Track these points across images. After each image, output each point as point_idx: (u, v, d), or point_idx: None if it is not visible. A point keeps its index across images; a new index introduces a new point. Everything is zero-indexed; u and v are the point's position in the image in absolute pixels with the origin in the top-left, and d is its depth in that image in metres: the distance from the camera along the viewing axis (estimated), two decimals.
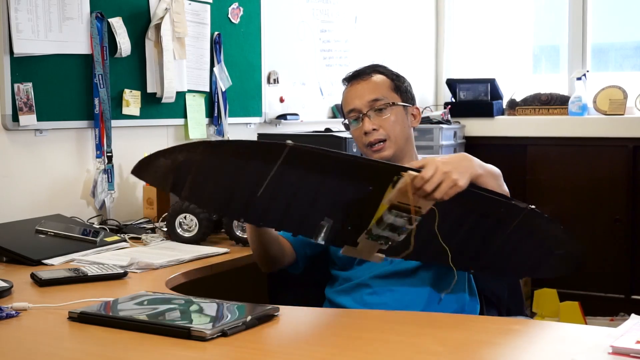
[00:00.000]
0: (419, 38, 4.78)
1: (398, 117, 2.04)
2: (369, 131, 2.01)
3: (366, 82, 2.06)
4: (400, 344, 1.41)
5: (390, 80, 2.08)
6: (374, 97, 2.03)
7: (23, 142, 2.58)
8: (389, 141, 2.02)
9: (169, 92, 3.00)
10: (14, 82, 2.50)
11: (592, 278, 4.32)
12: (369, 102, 2.03)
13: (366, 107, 2.03)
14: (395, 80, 2.08)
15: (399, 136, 2.03)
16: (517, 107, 4.60)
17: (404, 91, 2.08)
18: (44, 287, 1.83)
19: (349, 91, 2.10)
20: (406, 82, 2.11)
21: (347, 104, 2.09)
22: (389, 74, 2.09)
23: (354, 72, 2.12)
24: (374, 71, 2.09)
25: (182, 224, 2.42)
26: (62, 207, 2.64)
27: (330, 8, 4.00)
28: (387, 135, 2.02)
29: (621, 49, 4.65)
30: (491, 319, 1.76)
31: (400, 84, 2.09)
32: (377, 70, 2.09)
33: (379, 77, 2.07)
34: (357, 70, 2.12)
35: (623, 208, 4.21)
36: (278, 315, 1.53)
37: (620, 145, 4.25)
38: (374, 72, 2.09)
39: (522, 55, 4.88)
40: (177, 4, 3.02)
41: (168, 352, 1.34)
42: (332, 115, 4.02)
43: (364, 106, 2.03)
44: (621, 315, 4.10)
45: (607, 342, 1.26)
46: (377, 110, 2.03)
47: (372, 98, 2.03)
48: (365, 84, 2.06)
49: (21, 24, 2.51)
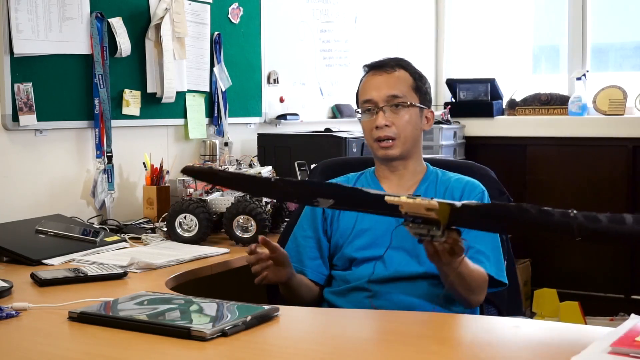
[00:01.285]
0: (419, 38, 4.78)
1: (412, 118, 2.00)
2: (381, 126, 1.98)
3: (388, 75, 2.01)
4: (400, 344, 1.41)
5: (413, 79, 2.03)
6: (393, 93, 1.99)
7: (23, 142, 2.58)
8: (398, 140, 1.99)
9: (169, 92, 3.00)
10: (14, 82, 2.50)
11: (592, 278, 4.32)
12: (387, 97, 1.99)
13: (383, 102, 1.99)
14: (418, 80, 2.04)
15: (409, 137, 2.00)
16: (517, 107, 4.60)
17: (423, 92, 2.04)
18: (44, 287, 1.83)
19: (368, 80, 2.04)
20: (427, 84, 2.07)
21: (364, 93, 2.04)
22: (413, 72, 2.04)
23: (377, 61, 2.06)
24: (398, 65, 2.03)
25: (182, 224, 2.42)
26: (62, 207, 2.64)
27: (330, 8, 4.00)
28: (397, 134, 1.99)
29: (621, 49, 4.65)
30: (491, 319, 1.76)
31: (422, 84, 2.05)
32: (401, 66, 2.04)
33: (403, 73, 2.02)
34: (381, 60, 2.05)
35: (623, 208, 4.21)
36: (278, 315, 1.52)
37: (620, 145, 4.25)
38: (398, 66, 2.03)
39: (522, 55, 4.89)
40: (177, 4, 3.02)
41: (168, 352, 1.34)
42: (332, 115, 4.03)
43: (382, 100, 1.99)
44: (621, 315, 4.09)
45: (607, 342, 1.26)
46: (393, 106, 1.99)
47: (391, 94, 1.99)
48: (387, 78, 2.01)
49: (21, 24, 2.51)
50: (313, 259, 2.04)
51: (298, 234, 2.08)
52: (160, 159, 2.90)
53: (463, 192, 2.00)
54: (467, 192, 2.00)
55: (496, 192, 2.12)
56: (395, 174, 2.04)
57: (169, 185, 2.85)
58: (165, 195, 2.81)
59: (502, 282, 1.93)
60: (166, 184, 2.84)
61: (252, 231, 2.38)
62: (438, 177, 2.05)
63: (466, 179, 2.03)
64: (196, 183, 2.58)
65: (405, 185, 2.03)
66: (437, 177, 2.05)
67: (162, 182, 2.83)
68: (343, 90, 4.10)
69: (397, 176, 2.04)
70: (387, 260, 1.95)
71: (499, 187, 2.17)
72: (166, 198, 2.80)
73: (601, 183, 4.31)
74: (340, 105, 4.05)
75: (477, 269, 1.84)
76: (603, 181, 4.30)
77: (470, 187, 2.01)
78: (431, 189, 2.02)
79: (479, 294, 1.86)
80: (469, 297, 1.84)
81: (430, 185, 2.03)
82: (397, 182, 2.03)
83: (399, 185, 2.03)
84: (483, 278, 1.86)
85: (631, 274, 4.25)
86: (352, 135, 3.24)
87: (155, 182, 2.82)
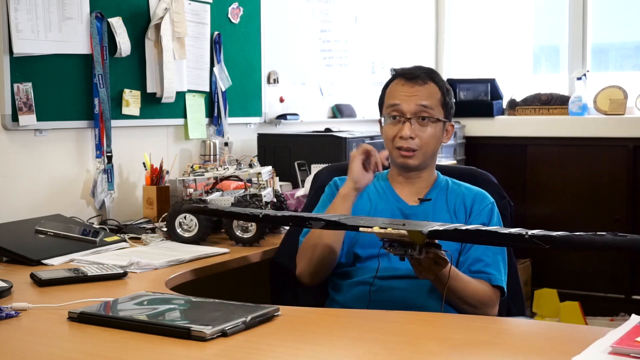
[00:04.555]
0: (419, 38, 4.78)
1: (436, 132, 2.03)
2: (406, 137, 2.00)
3: (420, 87, 2.03)
4: (400, 344, 1.41)
5: (441, 93, 2.05)
6: (423, 107, 2.01)
7: (23, 142, 2.58)
8: (419, 152, 2.02)
9: (169, 92, 3.00)
10: (13, 82, 2.50)
11: (592, 278, 4.32)
12: (416, 110, 2.01)
13: (411, 113, 2.01)
14: (446, 94, 2.06)
15: (429, 150, 2.04)
16: (517, 107, 4.60)
17: (449, 107, 2.07)
18: (44, 287, 1.83)
19: (398, 87, 2.05)
20: (452, 97, 2.10)
21: (391, 98, 2.05)
22: (442, 87, 2.06)
23: (409, 70, 2.06)
24: (430, 79, 2.04)
25: (182, 224, 2.42)
26: (61, 207, 2.64)
27: (330, 8, 4.00)
28: (420, 146, 2.01)
29: (621, 49, 4.65)
30: (491, 319, 1.76)
31: (449, 99, 2.07)
32: (433, 79, 2.05)
33: (433, 87, 2.04)
34: (413, 70, 2.06)
35: (623, 208, 4.21)
36: (278, 315, 1.53)
37: (620, 145, 4.25)
38: (430, 79, 2.04)
39: (522, 55, 4.89)
40: (177, 4, 3.01)
41: (168, 352, 1.34)
42: (332, 115, 4.02)
43: (410, 112, 2.01)
44: (621, 315, 4.10)
45: (607, 342, 1.26)
46: (420, 119, 2.01)
47: (420, 107, 2.01)
48: (419, 89, 2.02)
49: (21, 23, 2.51)
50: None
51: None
52: (160, 159, 2.90)
53: (473, 202, 2.05)
54: (478, 203, 2.05)
55: (497, 196, 2.14)
56: (408, 181, 2.09)
57: (169, 185, 2.84)
58: (165, 195, 2.81)
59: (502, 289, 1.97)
60: (166, 184, 2.84)
61: (252, 231, 2.38)
62: (449, 186, 2.09)
63: (476, 190, 2.08)
64: (196, 183, 2.58)
65: (417, 190, 2.08)
66: (448, 185, 2.10)
67: (162, 182, 2.83)
68: (343, 90, 4.10)
69: (410, 183, 2.09)
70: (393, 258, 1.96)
71: (500, 192, 2.21)
72: (166, 198, 2.80)
73: (601, 183, 4.31)
74: (340, 105, 4.05)
75: (474, 283, 1.90)
76: (603, 181, 4.30)
77: (480, 198, 2.06)
78: (442, 196, 2.07)
79: (482, 308, 1.90)
80: (474, 312, 1.88)
81: (441, 192, 2.08)
82: (409, 188, 2.09)
83: (410, 190, 2.08)
84: (483, 291, 1.91)
85: (631, 274, 4.25)
86: (352, 135, 3.24)
87: (155, 182, 2.82)
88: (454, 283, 1.83)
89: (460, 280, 1.85)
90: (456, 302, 1.88)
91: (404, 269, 1.96)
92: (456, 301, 1.87)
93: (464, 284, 1.86)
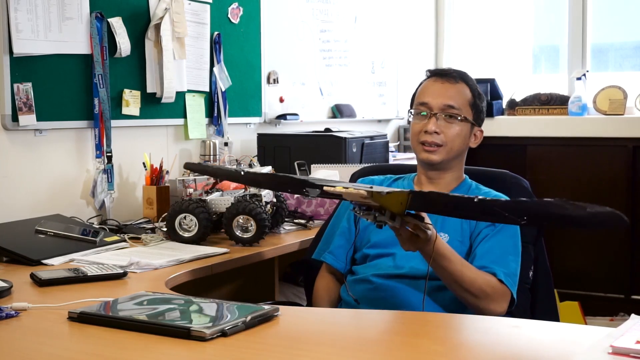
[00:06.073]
0: (419, 38, 4.78)
1: (462, 132, 2.04)
2: (430, 132, 2.01)
3: (450, 85, 2.05)
4: (400, 344, 1.41)
5: (472, 95, 2.07)
6: (450, 103, 2.02)
7: (23, 142, 2.58)
8: (443, 148, 2.02)
9: (169, 92, 3.00)
10: (13, 82, 2.50)
11: (592, 278, 4.32)
12: (444, 106, 2.02)
13: (438, 109, 2.02)
14: (477, 97, 2.08)
15: (454, 148, 2.03)
16: (517, 107, 4.60)
17: (479, 110, 2.08)
18: (44, 287, 1.83)
19: (429, 85, 2.08)
20: (484, 102, 2.11)
21: (421, 96, 2.07)
22: (473, 89, 2.08)
23: (441, 69, 2.11)
24: (461, 78, 2.07)
25: (182, 224, 2.42)
26: (61, 207, 2.64)
27: (330, 8, 4.00)
28: (444, 142, 2.02)
29: (621, 49, 4.65)
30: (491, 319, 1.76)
31: (479, 102, 2.08)
32: (465, 80, 2.07)
33: (464, 86, 2.06)
34: (446, 69, 2.10)
35: (623, 208, 4.20)
36: (278, 315, 1.53)
37: (620, 145, 4.24)
38: (462, 80, 2.07)
39: (522, 55, 4.88)
40: (177, 4, 3.01)
41: (168, 352, 1.34)
42: (332, 115, 4.02)
43: (437, 107, 2.02)
44: (621, 315, 4.09)
45: (607, 342, 1.26)
46: (447, 116, 2.02)
47: (448, 103, 2.02)
48: (449, 87, 2.05)
49: (21, 23, 2.51)
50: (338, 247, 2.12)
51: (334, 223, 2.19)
52: (160, 159, 2.90)
53: None
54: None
55: None
56: (431, 183, 2.09)
57: (169, 185, 2.84)
58: (165, 195, 2.81)
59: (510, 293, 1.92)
60: (166, 184, 2.84)
61: (252, 231, 2.38)
62: (470, 189, 2.09)
63: (493, 194, 2.05)
64: (196, 183, 2.58)
65: (438, 191, 2.05)
66: (470, 188, 2.09)
67: (161, 182, 2.83)
68: (343, 90, 4.10)
69: (433, 183, 2.08)
70: (398, 258, 1.99)
71: (531, 197, 2.17)
72: (166, 198, 2.80)
73: (601, 183, 4.30)
74: (340, 105, 4.05)
75: (474, 270, 1.87)
76: (603, 181, 4.30)
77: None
78: None
79: (485, 300, 1.85)
80: (477, 304, 1.85)
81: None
82: (431, 188, 2.07)
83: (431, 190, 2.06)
84: (484, 280, 1.86)
85: (631, 274, 4.25)
86: (352, 135, 3.24)
87: (155, 182, 2.82)
88: (449, 264, 1.78)
89: (457, 263, 1.81)
90: (454, 288, 1.84)
91: (407, 268, 1.96)
92: (454, 286, 1.83)
93: (460, 267, 1.81)
